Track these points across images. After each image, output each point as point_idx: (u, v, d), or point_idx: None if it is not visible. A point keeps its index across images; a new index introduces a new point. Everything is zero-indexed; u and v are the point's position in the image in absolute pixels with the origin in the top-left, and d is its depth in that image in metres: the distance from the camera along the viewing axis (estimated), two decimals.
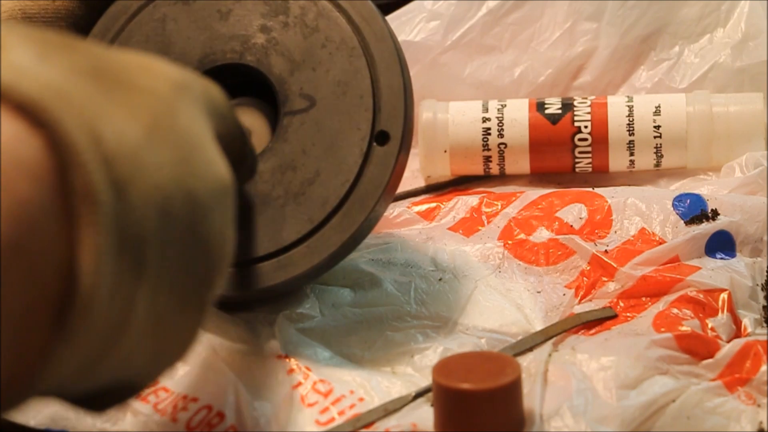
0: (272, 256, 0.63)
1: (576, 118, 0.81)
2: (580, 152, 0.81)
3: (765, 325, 0.63)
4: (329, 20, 0.64)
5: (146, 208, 0.41)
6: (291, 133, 0.64)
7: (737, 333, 0.62)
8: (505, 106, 0.83)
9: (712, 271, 0.65)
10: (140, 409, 0.57)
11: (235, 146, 0.55)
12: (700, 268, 0.65)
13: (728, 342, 0.60)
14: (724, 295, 0.63)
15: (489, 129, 0.82)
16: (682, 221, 0.69)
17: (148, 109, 0.43)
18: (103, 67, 0.43)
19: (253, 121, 0.64)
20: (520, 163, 0.82)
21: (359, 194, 0.63)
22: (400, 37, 0.86)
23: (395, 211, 0.76)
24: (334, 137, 0.63)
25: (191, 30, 0.65)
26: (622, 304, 0.65)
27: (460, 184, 0.84)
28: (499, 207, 0.75)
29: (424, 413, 0.57)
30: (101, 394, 0.45)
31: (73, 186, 0.38)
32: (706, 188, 0.75)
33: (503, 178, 0.83)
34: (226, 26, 0.65)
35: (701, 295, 0.63)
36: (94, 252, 0.38)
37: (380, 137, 0.63)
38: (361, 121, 0.63)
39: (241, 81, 0.65)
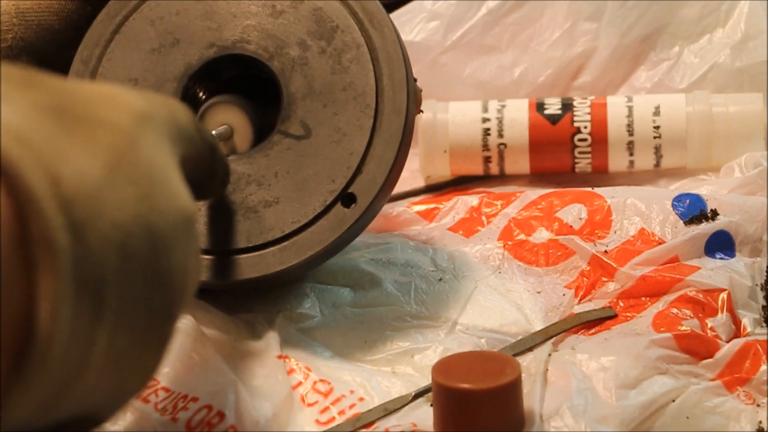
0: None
1: (576, 119, 0.81)
2: (579, 152, 0.81)
3: (764, 324, 0.63)
4: (361, 68, 0.64)
5: (105, 248, 0.41)
6: (274, 152, 0.64)
7: (737, 333, 0.62)
8: (505, 106, 0.83)
9: (712, 271, 0.65)
10: (140, 409, 0.57)
11: (204, 164, 0.55)
12: (699, 268, 0.65)
13: (728, 342, 0.60)
14: (723, 295, 0.63)
15: (489, 129, 0.82)
16: (682, 221, 0.69)
17: (110, 145, 0.43)
18: (64, 104, 0.43)
19: (236, 119, 0.65)
20: (519, 163, 0.82)
21: (301, 240, 0.63)
22: None
23: (395, 210, 0.76)
24: (308, 176, 0.64)
25: (235, 16, 0.66)
26: (621, 304, 0.65)
27: (459, 184, 0.84)
28: (499, 207, 0.74)
29: (424, 413, 0.57)
30: (62, 429, 0.44)
31: (31, 234, 0.38)
32: (706, 188, 0.75)
33: (503, 178, 0.83)
34: (273, 24, 0.65)
35: (701, 295, 0.63)
36: (51, 299, 0.38)
37: (347, 199, 0.63)
38: (338, 175, 0.63)
39: (247, 71, 0.66)
